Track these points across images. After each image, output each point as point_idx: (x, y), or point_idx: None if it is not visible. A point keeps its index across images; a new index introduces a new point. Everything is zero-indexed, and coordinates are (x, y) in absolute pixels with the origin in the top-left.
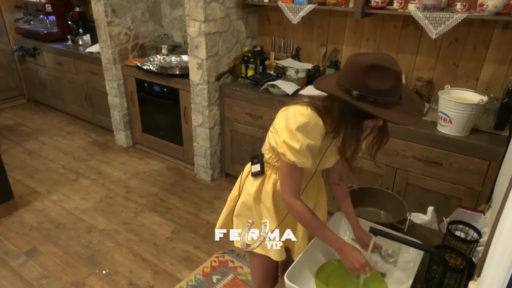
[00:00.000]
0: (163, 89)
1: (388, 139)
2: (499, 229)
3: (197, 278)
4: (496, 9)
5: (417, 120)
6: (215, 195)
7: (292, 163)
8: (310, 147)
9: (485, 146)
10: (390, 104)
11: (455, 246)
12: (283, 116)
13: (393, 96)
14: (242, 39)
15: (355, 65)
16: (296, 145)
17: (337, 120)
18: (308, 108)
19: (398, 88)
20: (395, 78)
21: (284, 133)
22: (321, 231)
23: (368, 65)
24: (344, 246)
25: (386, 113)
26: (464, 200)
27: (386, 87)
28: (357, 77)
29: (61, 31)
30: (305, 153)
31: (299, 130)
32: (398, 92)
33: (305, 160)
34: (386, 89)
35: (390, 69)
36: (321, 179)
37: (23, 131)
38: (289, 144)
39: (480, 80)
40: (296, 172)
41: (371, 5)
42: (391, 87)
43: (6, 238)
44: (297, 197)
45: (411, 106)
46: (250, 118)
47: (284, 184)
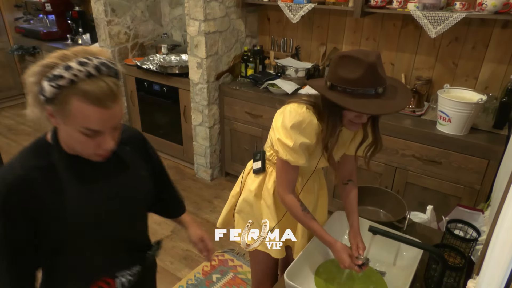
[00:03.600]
0: (162, 88)
1: (381, 146)
2: (498, 227)
3: (197, 277)
4: (495, 8)
5: (382, 112)
6: (215, 194)
7: (285, 160)
8: (304, 145)
9: (484, 145)
10: (361, 94)
11: (454, 245)
12: (281, 113)
13: (365, 87)
14: (241, 38)
15: (334, 58)
16: (289, 143)
17: (322, 111)
18: (304, 106)
19: (372, 80)
20: (366, 68)
21: (279, 131)
22: (311, 227)
23: (341, 56)
24: (332, 246)
25: (348, 102)
26: (463, 198)
27: (355, 77)
28: (331, 68)
29: (60, 30)
30: (299, 151)
31: (293, 128)
32: (372, 84)
33: (298, 158)
34: (354, 78)
35: (361, 59)
36: (323, 177)
37: (23, 130)
38: (283, 142)
39: (479, 79)
40: (290, 169)
41: (370, 4)
42: (360, 76)
43: None
44: (290, 192)
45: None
46: (249, 117)
47: (278, 178)
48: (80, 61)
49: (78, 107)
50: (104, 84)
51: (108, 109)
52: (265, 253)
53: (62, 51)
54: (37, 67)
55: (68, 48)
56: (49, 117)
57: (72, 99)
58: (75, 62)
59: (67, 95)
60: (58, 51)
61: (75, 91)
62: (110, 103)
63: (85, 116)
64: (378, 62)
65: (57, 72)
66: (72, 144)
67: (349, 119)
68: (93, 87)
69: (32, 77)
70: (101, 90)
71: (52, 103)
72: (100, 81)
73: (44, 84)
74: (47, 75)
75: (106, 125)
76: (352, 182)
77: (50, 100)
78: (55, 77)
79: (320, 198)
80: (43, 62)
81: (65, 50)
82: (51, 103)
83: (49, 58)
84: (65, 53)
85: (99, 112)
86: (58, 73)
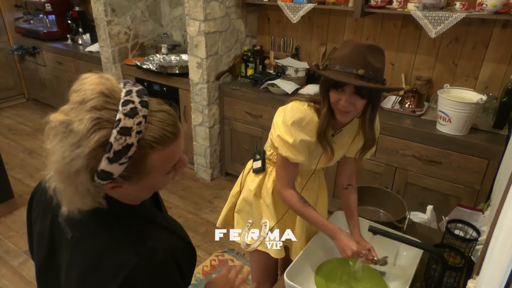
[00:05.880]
0: (162, 88)
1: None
2: (498, 227)
3: (197, 277)
4: (495, 8)
5: (345, 80)
6: (215, 194)
7: (284, 157)
8: (304, 142)
9: (484, 145)
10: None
11: (454, 245)
12: (282, 111)
13: (346, 66)
14: (241, 38)
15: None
16: (289, 139)
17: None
18: (305, 104)
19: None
20: (352, 48)
21: (280, 127)
22: (313, 219)
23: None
24: (337, 233)
25: (326, 72)
26: (463, 199)
27: (341, 55)
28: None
29: (60, 30)
30: (298, 147)
31: (293, 125)
32: (353, 64)
33: (298, 155)
34: (340, 56)
35: (354, 41)
36: (323, 178)
37: (23, 130)
38: (283, 138)
39: (479, 79)
40: (289, 166)
41: (370, 4)
42: (346, 54)
43: (6, 237)
44: (290, 187)
45: (363, 82)
46: (249, 117)
47: (278, 175)
48: (124, 103)
49: (157, 158)
50: (162, 114)
51: (180, 133)
52: (264, 253)
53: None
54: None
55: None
56: (111, 190)
57: (148, 156)
58: (121, 112)
59: (139, 158)
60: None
61: (147, 147)
62: (178, 126)
63: (166, 159)
64: (370, 50)
65: (115, 145)
66: (147, 192)
67: (333, 103)
68: (158, 127)
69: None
70: (166, 123)
71: (121, 177)
72: (157, 114)
73: (105, 168)
74: (101, 156)
75: (182, 147)
76: (352, 187)
77: (119, 176)
78: (117, 152)
79: (320, 198)
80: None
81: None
82: (119, 178)
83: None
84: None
85: (176, 145)
86: (119, 144)
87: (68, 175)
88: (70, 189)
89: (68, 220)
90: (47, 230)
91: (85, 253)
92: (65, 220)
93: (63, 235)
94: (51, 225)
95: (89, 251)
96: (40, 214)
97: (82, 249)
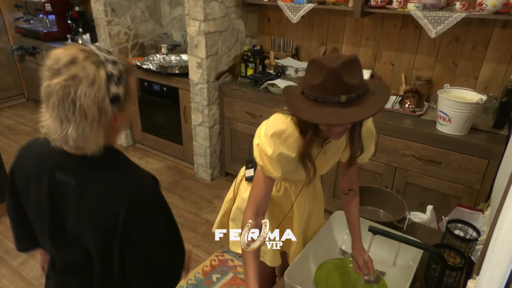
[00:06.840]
0: (162, 88)
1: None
2: (498, 227)
3: (197, 277)
4: (495, 8)
5: (333, 122)
6: (215, 194)
7: (260, 167)
8: (283, 156)
9: (484, 145)
10: (321, 102)
11: (454, 245)
12: (265, 122)
13: (325, 94)
14: (241, 38)
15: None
16: (268, 151)
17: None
18: (289, 117)
19: (333, 87)
20: (326, 74)
21: (260, 138)
22: (246, 265)
23: (311, 60)
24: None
25: (303, 109)
26: (463, 198)
27: (316, 83)
28: (306, 73)
29: (60, 30)
30: (275, 161)
31: (273, 136)
32: (332, 92)
33: (273, 170)
34: (315, 84)
35: (324, 64)
36: (319, 184)
37: (23, 130)
38: (262, 149)
39: (479, 79)
40: (264, 183)
41: (370, 4)
42: (321, 83)
43: (6, 237)
44: (253, 211)
45: (350, 111)
46: (249, 117)
47: (250, 193)
48: (98, 50)
49: (133, 81)
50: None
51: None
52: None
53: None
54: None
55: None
56: (112, 122)
57: (130, 80)
58: (102, 55)
59: (127, 80)
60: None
61: (128, 71)
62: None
63: (135, 83)
64: (344, 69)
65: (115, 72)
66: (126, 124)
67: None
68: (124, 59)
69: (98, 91)
70: (125, 58)
71: (119, 101)
72: (117, 54)
73: (115, 91)
74: (109, 84)
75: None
76: (353, 192)
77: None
78: (118, 77)
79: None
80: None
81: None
82: (119, 100)
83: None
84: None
85: (135, 74)
86: (117, 71)
87: (97, 109)
88: (94, 127)
89: (67, 173)
90: (45, 192)
91: (94, 183)
92: (64, 175)
93: (64, 188)
94: (48, 185)
95: (96, 182)
96: (32, 182)
97: (90, 184)
